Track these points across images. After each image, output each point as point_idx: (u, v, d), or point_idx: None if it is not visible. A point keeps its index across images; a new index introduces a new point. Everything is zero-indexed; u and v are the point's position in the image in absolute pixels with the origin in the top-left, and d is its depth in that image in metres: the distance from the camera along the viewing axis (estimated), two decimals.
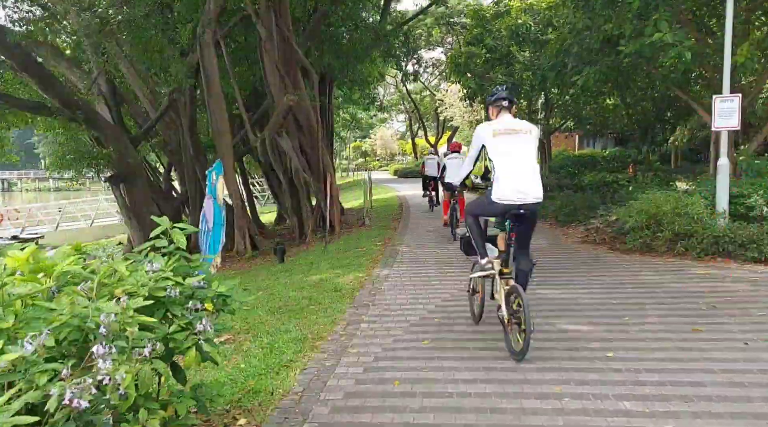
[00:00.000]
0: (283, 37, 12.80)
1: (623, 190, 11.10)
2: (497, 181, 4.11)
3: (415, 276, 6.93)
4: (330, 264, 8.34)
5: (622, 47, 9.01)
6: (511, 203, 4.06)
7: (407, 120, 58.32)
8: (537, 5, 17.55)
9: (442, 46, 42.63)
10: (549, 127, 18.97)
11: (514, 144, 4.14)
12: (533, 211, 4.15)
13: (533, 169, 4.13)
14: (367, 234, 11.72)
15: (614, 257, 7.63)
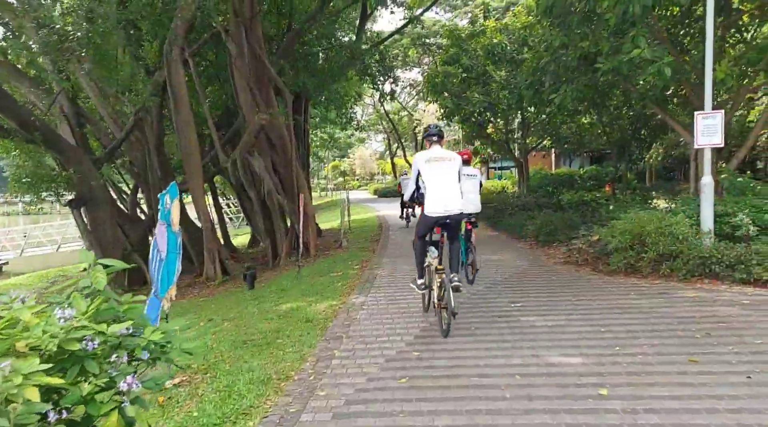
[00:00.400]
0: (255, 54, 12.47)
1: (603, 209, 10.90)
2: (428, 198, 5.17)
3: (393, 303, 6.53)
4: (303, 291, 7.89)
5: (600, 64, 8.87)
6: (439, 215, 5.14)
7: (386, 140, 58.35)
8: (512, 25, 17.60)
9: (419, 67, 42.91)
10: (526, 146, 18.89)
11: (441, 169, 5.21)
12: (457, 220, 5.28)
13: (455, 188, 5.19)
14: (344, 257, 11.30)
15: (598, 278, 7.34)
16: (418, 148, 46.43)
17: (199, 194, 12.10)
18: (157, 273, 4.26)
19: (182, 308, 9.30)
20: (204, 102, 12.43)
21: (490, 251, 10.64)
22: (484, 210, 16.24)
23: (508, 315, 5.66)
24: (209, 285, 11.70)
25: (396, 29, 22.63)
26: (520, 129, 19.28)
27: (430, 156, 5.31)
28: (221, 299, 9.25)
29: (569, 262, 8.72)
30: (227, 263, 12.35)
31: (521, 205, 14.84)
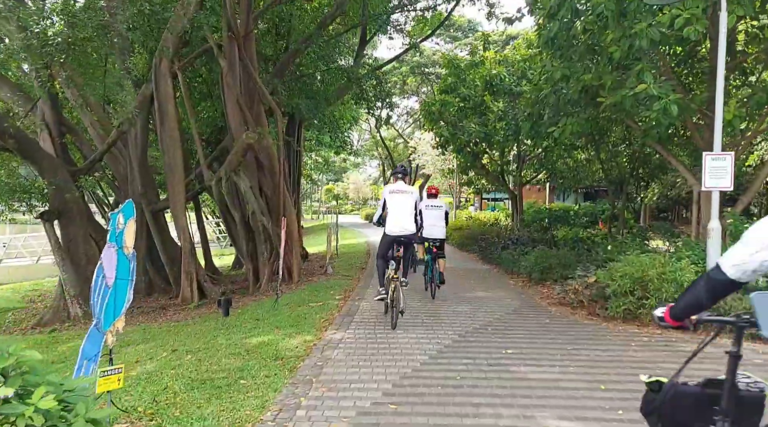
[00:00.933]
0: (247, 71, 12.11)
1: (601, 248, 10.47)
2: (388, 221, 6.78)
3: (373, 342, 5.99)
4: (278, 321, 7.33)
5: (602, 98, 8.54)
6: (395, 235, 6.72)
7: (380, 166, 58.23)
8: (511, 58, 17.45)
9: (417, 95, 43.05)
10: (521, 179, 18.57)
11: (400, 199, 6.82)
12: (409, 239, 6.82)
13: (410, 214, 6.77)
14: (328, 285, 10.76)
15: (595, 324, 6.85)
16: (413, 175, 46.29)
17: (180, 212, 11.57)
18: (100, 302, 3.73)
19: (152, 333, 8.70)
20: (192, 117, 11.99)
21: (481, 286, 10.15)
22: (476, 243, 15.81)
23: (498, 364, 5.14)
24: (184, 308, 11.09)
25: (396, 56, 22.56)
26: (516, 161, 19.01)
27: (394, 189, 6.96)
28: (193, 326, 8.65)
29: (564, 303, 8.23)
30: (205, 286, 11.76)
31: (514, 239, 14.41)
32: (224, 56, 11.63)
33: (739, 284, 1.92)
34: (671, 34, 7.90)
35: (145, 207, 12.06)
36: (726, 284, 1.95)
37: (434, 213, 8.60)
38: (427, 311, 7.69)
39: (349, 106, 22.41)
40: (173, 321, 9.90)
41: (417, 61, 39.42)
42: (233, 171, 11.52)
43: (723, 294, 2.07)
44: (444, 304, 8.31)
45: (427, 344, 5.87)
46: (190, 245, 11.57)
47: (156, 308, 11.33)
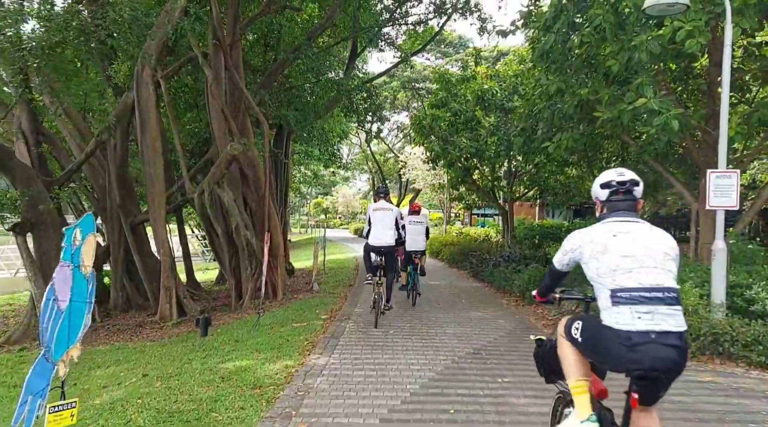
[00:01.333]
0: (233, 81, 11.75)
1: None
2: (371, 234, 7.91)
3: (360, 368, 5.58)
4: (258, 343, 6.88)
5: (599, 113, 8.27)
6: (374, 245, 7.83)
7: (370, 180, 58.00)
8: (503, 73, 17.27)
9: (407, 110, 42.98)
10: (512, 195, 18.30)
11: (381, 216, 7.91)
12: (388, 250, 7.83)
13: (389, 228, 7.83)
14: (313, 303, 10.33)
15: None
16: (402, 190, 46.09)
17: (160, 225, 11.10)
18: (51, 328, 3.30)
19: (125, 353, 8.20)
20: (175, 127, 11.59)
21: (474, 306, 9.76)
22: (467, 259, 15.41)
23: (495, 394, 4.75)
24: (162, 326, 10.57)
25: (387, 69, 22.39)
26: (507, 177, 18.77)
27: (377, 206, 8.11)
28: (168, 346, 8.17)
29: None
30: (185, 303, 11.25)
31: (506, 256, 14.07)
32: (210, 65, 11.27)
33: (564, 272, 3.00)
34: (671, 48, 7.71)
35: (124, 220, 11.59)
36: (558, 273, 3.03)
37: (416, 228, 9.77)
38: (418, 333, 7.29)
39: (339, 119, 22.12)
40: (149, 340, 9.41)
41: (408, 76, 39.40)
42: (216, 183, 11.09)
43: (559, 279, 3.10)
44: (436, 324, 7.91)
45: (417, 370, 5.47)
46: (170, 259, 11.09)
47: (133, 326, 10.81)
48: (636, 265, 2.51)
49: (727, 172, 6.26)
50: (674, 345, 2.38)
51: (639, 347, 2.38)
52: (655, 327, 2.39)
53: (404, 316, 8.64)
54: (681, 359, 2.42)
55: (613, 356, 2.48)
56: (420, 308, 9.50)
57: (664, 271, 2.52)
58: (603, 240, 2.63)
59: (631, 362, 2.40)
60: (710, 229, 8.62)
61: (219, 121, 11.57)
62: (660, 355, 2.36)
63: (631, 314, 2.43)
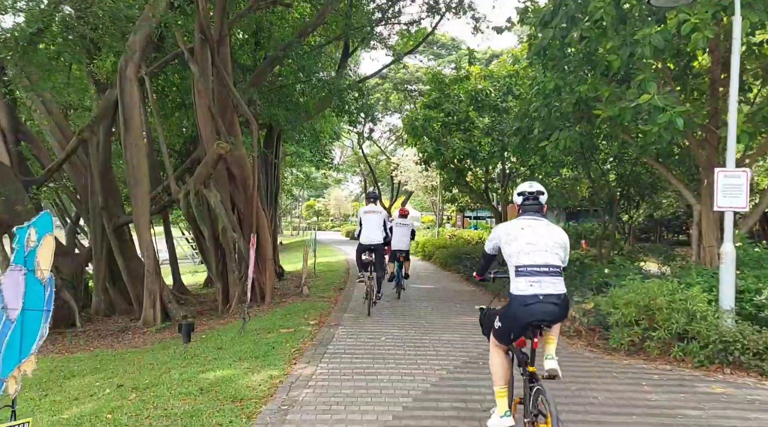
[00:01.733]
0: (221, 78, 11.38)
1: (592, 270, 9.85)
2: (362, 234, 9.04)
3: (349, 379, 5.22)
4: (242, 351, 6.51)
5: (598, 111, 7.99)
6: (365, 243, 8.96)
7: (362, 182, 57.67)
8: (497, 73, 17.00)
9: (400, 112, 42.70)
10: (506, 197, 18.02)
11: (371, 217, 9.07)
12: (377, 247, 8.99)
13: (378, 229, 9.00)
14: (302, 307, 9.96)
15: (597, 358, 6.17)
16: (394, 192, 45.82)
17: (145, 227, 10.69)
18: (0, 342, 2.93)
19: (104, 360, 7.80)
20: (160, 125, 11.19)
21: (469, 311, 9.40)
22: (460, 262, 15.09)
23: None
24: (146, 331, 10.17)
25: (380, 69, 22.07)
26: (501, 179, 18.51)
27: (367, 210, 9.27)
28: (149, 353, 7.77)
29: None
30: (170, 307, 10.84)
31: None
32: (196, 61, 10.90)
33: (492, 255, 3.85)
34: (676, 42, 7.44)
35: (107, 221, 11.17)
36: (488, 256, 3.91)
37: (402, 230, 10.83)
38: (411, 340, 6.94)
39: (331, 119, 21.78)
40: (131, 347, 8.99)
41: (400, 77, 39.12)
42: (203, 183, 10.71)
43: (490, 260, 3.97)
44: (430, 330, 7.57)
45: (411, 381, 5.12)
46: (155, 262, 10.69)
47: (115, 332, 10.39)
48: (533, 249, 3.46)
49: (736, 171, 5.97)
50: (555, 303, 3.35)
51: (531, 305, 3.35)
52: (541, 291, 3.35)
53: (397, 321, 8.30)
54: (561, 312, 3.40)
55: (518, 315, 3.42)
56: (413, 312, 9.16)
57: (552, 254, 3.47)
58: (514, 231, 3.59)
59: (528, 316, 3.37)
60: (713, 231, 8.37)
61: (206, 120, 11.20)
62: (545, 310, 3.34)
63: (526, 283, 3.40)
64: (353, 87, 16.90)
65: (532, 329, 3.42)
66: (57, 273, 11.39)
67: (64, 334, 10.49)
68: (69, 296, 11.15)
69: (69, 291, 11.29)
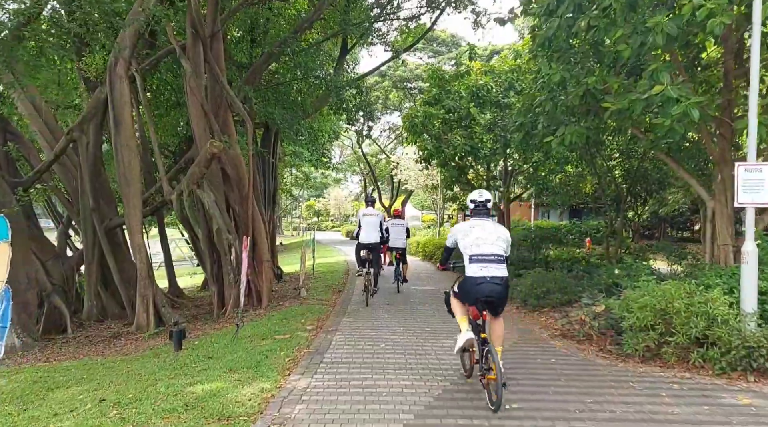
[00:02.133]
0: (214, 75, 11.03)
1: (601, 270, 9.49)
2: (360, 234, 9.95)
3: (346, 392, 4.87)
4: (234, 360, 6.16)
5: (607, 104, 7.61)
6: (364, 243, 9.84)
7: (362, 182, 57.36)
8: (498, 68, 16.63)
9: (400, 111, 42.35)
10: (508, 195, 17.65)
11: (369, 219, 9.99)
12: (374, 246, 9.89)
13: (375, 229, 9.94)
14: (299, 311, 9.61)
15: (610, 365, 5.80)
16: (394, 191, 45.46)
17: (137, 229, 10.35)
18: None
19: (92, 370, 7.44)
20: (151, 124, 10.84)
21: None
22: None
23: (501, 425, 4.06)
24: (139, 337, 9.84)
25: (378, 65, 21.70)
26: (502, 177, 18.14)
27: (366, 212, 10.17)
28: (139, 361, 7.42)
29: (568, 336, 7.19)
30: (164, 311, 10.49)
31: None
32: (188, 58, 10.54)
33: (452, 248, 5.07)
34: (687, 31, 7.07)
35: (98, 224, 10.82)
36: (449, 248, 5.16)
37: (397, 229, 11.86)
38: (412, 348, 6.58)
39: (329, 118, 21.43)
40: (122, 354, 8.64)
41: (400, 75, 38.74)
42: (196, 184, 10.36)
43: (450, 252, 5.23)
44: (432, 337, 7.21)
45: (412, 394, 4.77)
46: (147, 265, 10.34)
47: (107, 338, 10.05)
48: (482, 242, 4.60)
49: (757, 165, 5.61)
50: (498, 284, 4.46)
51: (480, 285, 4.47)
52: (488, 274, 4.49)
53: (397, 326, 7.94)
54: (503, 290, 4.53)
55: (470, 291, 4.57)
56: (414, 316, 8.81)
57: (496, 246, 4.61)
58: (468, 229, 4.77)
59: (478, 293, 4.50)
60: (727, 228, 8.00)
61: (198, 118, 10.85)
62: (492, 289, 4.46)
63: (478, 267, 4.53)
64: (351, 84, 16.54)
65: (482, 303, 4.60)
66: (48, 277, 11.08)
67: (54, 340, 10.16)
68: (60, 301, 10.82)
69: (60, 296, 10.96)
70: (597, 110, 8.74)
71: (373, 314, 8.99)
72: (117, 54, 10.19)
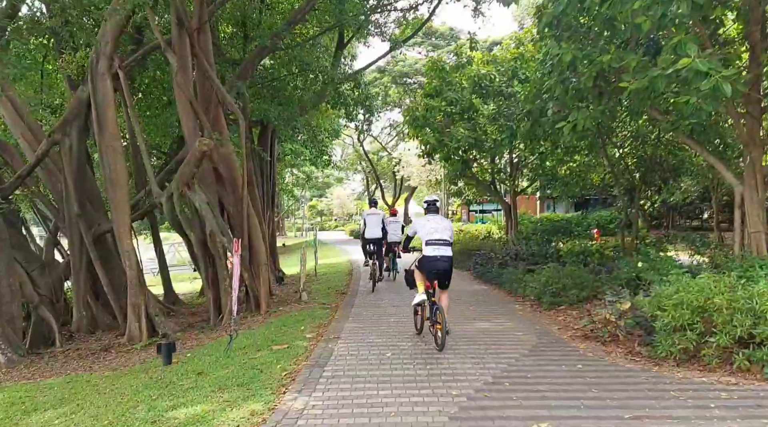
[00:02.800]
0: (203, 70, 10.45)
1: (619, 263, 8.87)
2: (366, 231, 11.68)
3: (348, 413, 4.27)
4: (225, 376, 5.57)
5: (625, 83, 6.98)
6: (369, 238, 11.65)
7: (364, 180, 56.79)
8: (501, 57, 16.01)
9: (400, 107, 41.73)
10: (515, 188, 17.04)
11: (372, 218, 11.68)
12: (378, 240, 11.66)
13: (378, 226, 11.61)
14: (299, 317, 9.04)
15: (644, 370, 5.19)
16: (397, 189, 44.84)
17: (125, 234, 9.78)
18: None
19: (76, 388, 6.87)
20: (137, 123, 10.24)
21: (483, 314, 8.45)
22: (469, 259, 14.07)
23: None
24: (130, 349, 9.27)
25: (377, 58, 21.17)
26: (508, 169, 17.53)
27: (370, 212, 11.81)
28: (126, 378, 6.85)
29: (590, 337, 6.58)
30: (157, 321, 9.92)
31: (513, 254, 12.80)
32: (173, 51, 9.95)
33: (411, 236, 7.11)
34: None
35: (84, 230, 10.24)
36: (409, 237, 7.17)
37: (394, 226, 12.79)
38: (421, 356, 5.99)
39: (328, 115, 20.84)
40: (110, 369, 8.07)
41: (399, 70, 38.12)
42: (186, 184, 9.77)
43: (410, 240, 7.20)
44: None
45: (424, 414, 4.17)
46: (137, 272, 9.77)
47: (96, 351, 9.46)
48: (434, 231, 6.34)
49: None
50: (446, 261, 6.26)
51: (432, 261, 6.26)
52: (439, 254, 6.25)
53: (405, 330, 7.34)
54: (449, 265, 6.33)
55: (427, 266, 6.31)
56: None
57: (445, 234, 6.35)
58: (424, 222, 6.53)
59: (432, 267, 6.28)
60: (758, 214, 7.39)
61: (188, 116, 10.27)
62: (441, 264, 6.27)
63: (432, 249, 6.28)
64: (349, 78, 15.93)
65: (434, 275, 6.32)
66: (35, 288, 10.52)
67: (41, 355, 9.60)
68: (47, 313, 10.26)
69: (48, 307, 10.40)
70: (611, 92, 8.14)
71: (377, 318, 8.40)
72: (98, 50, 9.64)
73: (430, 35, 40.03)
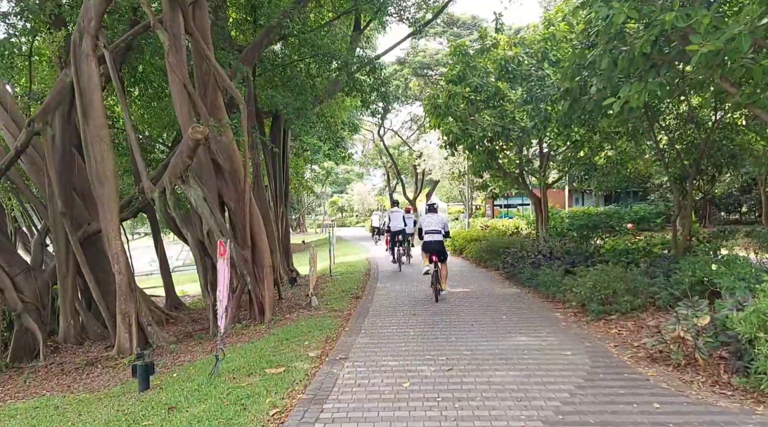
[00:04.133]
0: (199, 49, 9.36)
1: (682, 263, 7.51)
2: (391, 224, 15.79)
3: None
4: (199, 415, 4.42)
5: (694, 46, 5.65)
6: (394, 230, 15.63)
7: (385, 175, 55.61)
8: (530, 38, 14.60)
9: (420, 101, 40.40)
10: (545, 180, 15.64)
11: (396, 214, 15.85)
12: (402, 231, 15.48)
13: (401, 221, 15.46)
14: (306, 327, 7.90)
15: (743, 410, 3.89)
16: (418, 184, 43.46)
17: (114, 234, 8.74)
18: None
19: (38, 416, 5.84)
20: (125, 110, 9.20)
21: (519, 325, 7.17)
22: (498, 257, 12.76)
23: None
24: (118, 363, 8.25)
25: (397, 42, 19.97)
26: (538, 159, 16.13)
27: (392, 210, 16.52)
28: (98, 404, 5.77)
29: (658, 359, 5.28)
30: (149, 331, 8.91)
31: (547, 253, 11.48)
32: (164, 28, 8.88)
33: (420, 229, 10.30)
34: None
35: (70, 231, 9.22)
36: (420, 229, 10.27)
37: (409, 221, 15.77)
38: (447, 388, 4.76)
39: (344, 106, 19.68)
40: (88, 390, 7.03)
41: (420, 61, 36.78)
42: (180, 177, 8.70)
43: (421, 231, 10.19)
44: (474, 365, 5.36)
45: None
46: (127, 277, 8.73)
47: (82, 365, 8.45)
48: (430, 224, 9.99)
49: None
50: (437, 243, 9.84)
51: (428, 243, 9.89)
52: (432, 239, 9.88)
53: (427, 347, 6.13)
54: (441, 247, 9.84)
55: (425, 248, 9.89)
56: (448, 331, 6.99)
57: (439, 226, 9.96)
58: (426, 218, 10.20)
59: (427, 248, 9.88)
60: None
61: (182, 100, 9.16)
62: (434, 246, 9.81)
63: (428, 236, 9.92)
64: (368, 63, 14.73)
65: (431, 252, 9.70)
66: (18, 294, 9.58)
67: (22, 370, 8.64)
68: (32, 322, 9.32)
69: (33, 316, 9.46)
70: (671, 60, 6.80)
71: (394, 330, 7.20)
72: (81, 29, 8.62)
73: (452, 24, 38.64)
